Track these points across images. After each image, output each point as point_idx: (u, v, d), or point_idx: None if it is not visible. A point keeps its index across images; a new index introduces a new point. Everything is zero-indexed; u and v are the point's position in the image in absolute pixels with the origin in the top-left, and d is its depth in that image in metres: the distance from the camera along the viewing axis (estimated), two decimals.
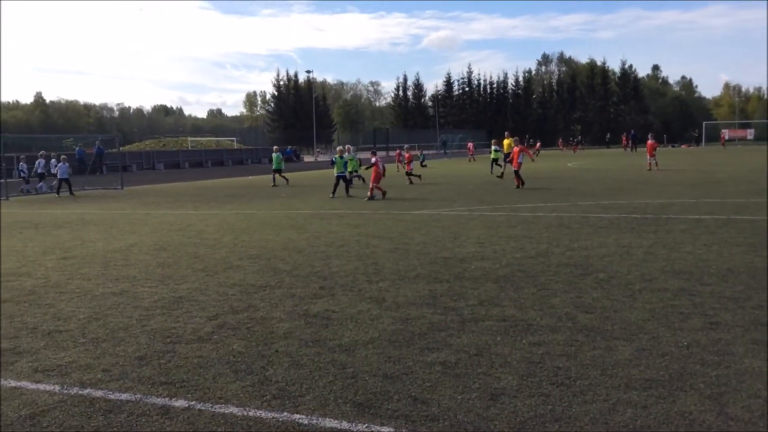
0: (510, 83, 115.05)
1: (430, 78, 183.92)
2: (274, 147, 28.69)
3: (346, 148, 22.42)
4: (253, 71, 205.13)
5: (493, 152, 30.20)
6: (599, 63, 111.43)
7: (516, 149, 21.81)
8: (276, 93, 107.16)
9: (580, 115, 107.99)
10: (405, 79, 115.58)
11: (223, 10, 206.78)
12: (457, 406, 4.04)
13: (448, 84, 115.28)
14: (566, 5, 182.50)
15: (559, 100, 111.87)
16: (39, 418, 4.05)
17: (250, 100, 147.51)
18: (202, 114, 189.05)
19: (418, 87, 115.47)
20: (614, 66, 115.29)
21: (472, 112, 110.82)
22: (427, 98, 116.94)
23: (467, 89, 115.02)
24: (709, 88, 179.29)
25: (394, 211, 15.46)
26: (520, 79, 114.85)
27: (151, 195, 23.92)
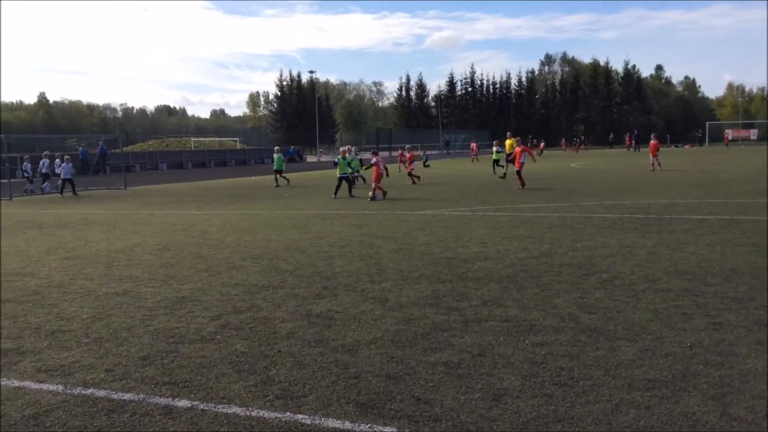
0: (513, 83, 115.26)
1: (433, 78, 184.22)
2: (276, 148, 28.75)
3: (347, 148, 22.48)
4: (256, 71, 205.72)
5: (495, 153, 30.19)
6: (602, 63, 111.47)
7: (518, 149, 21.77)
8: (279, 93, 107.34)
9: (583, 116, 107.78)
10: (408, 80, 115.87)
11: (225, 10, 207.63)
12: (459, 407, 4.04)
13: (451, 84, 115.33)
14: (569, 5, 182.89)
15: (562, 100, 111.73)
16: (42, 418, 4.06)
17: (253, 101, 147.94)
18: (205, 114, 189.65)
19: (421, 87, 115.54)
20: (617, 66, 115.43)
21: (475, 113, 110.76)
22: (430, 98, 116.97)
23: (470, 89, 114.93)
24: (712, 89, 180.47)
25: (397, 211, 15.46)
26: (523, 79, 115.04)
27: (154, 195, 23.96)
